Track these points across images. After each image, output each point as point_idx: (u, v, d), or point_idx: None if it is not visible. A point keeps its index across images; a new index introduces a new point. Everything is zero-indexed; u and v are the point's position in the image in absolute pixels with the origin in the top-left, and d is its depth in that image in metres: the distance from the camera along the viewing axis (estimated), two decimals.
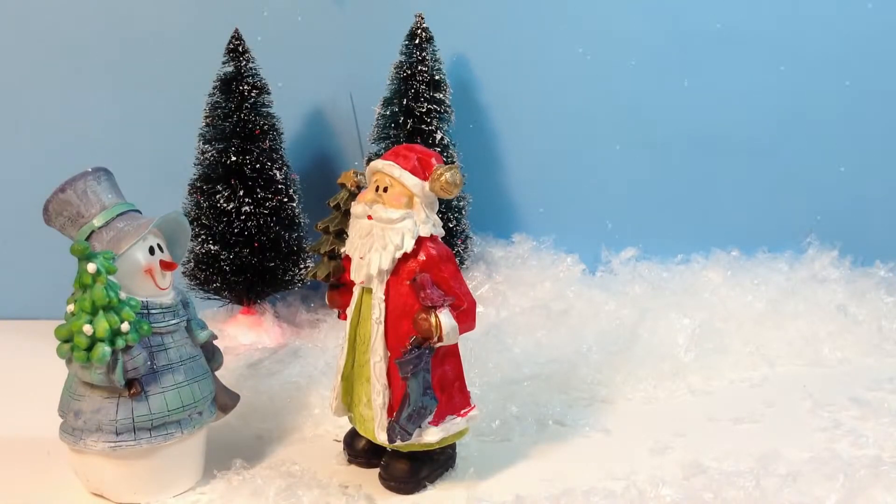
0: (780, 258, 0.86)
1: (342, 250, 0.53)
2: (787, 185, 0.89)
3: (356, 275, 0.50)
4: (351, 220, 0.51)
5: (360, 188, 0.54)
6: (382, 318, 0.49)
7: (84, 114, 0.88)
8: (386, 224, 0.49)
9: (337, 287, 0.54)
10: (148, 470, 0.49)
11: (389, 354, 0.50)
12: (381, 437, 0.50)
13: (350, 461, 0.55)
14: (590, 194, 0.91)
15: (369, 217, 0.49)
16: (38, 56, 0.87)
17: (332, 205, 0.55)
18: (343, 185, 0.55)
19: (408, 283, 0.49)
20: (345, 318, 0.53)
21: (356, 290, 0.52)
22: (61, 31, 0.86)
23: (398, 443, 0.49)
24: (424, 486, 0.52)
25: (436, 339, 0.48)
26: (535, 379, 0.66)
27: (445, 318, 0.48)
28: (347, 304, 0.53)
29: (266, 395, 0.63)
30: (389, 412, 0.50)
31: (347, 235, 0.52)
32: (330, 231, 0.55)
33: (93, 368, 0.46)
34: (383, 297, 0.49)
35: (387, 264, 0.49)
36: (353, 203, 0.52)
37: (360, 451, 0.54)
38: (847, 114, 0.88)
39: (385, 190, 0.49)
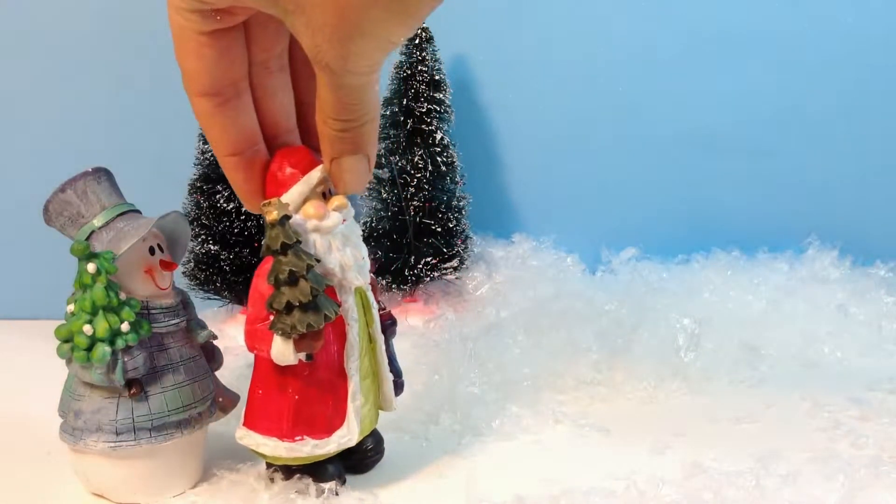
0: (780, 258, 0.86)
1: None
2: (788, 185, 0.89)
3: (359, 277, 0.49)
4: (322, 238, 0.47)
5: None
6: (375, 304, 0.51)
7: (84, 114, 0.88)
8: (350, 219, 0.49)
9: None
10: (148, 470, 0.49)
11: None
12: (394, 405, 0.52)
13: (342, 484, 0.51)
14: (590, 194, 0.91)
15: (343, 221, 0.48)
16: (38, 56, 0.87)
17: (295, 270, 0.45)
18: (286, 217, 0.45)
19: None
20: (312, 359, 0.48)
21: (351, 297, 0.49)
22: (62, 30, 0.86)
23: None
24: None
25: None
26: (535, 379, 0.66)
27: None
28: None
29: None
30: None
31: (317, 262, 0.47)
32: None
33: (93, 368, 0.46)
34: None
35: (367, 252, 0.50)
36: (315, 221, 0.47)
37: (342, 471, 0.52)
38: (847, 114, 0.88)
39: (331, 192, 0.48)
